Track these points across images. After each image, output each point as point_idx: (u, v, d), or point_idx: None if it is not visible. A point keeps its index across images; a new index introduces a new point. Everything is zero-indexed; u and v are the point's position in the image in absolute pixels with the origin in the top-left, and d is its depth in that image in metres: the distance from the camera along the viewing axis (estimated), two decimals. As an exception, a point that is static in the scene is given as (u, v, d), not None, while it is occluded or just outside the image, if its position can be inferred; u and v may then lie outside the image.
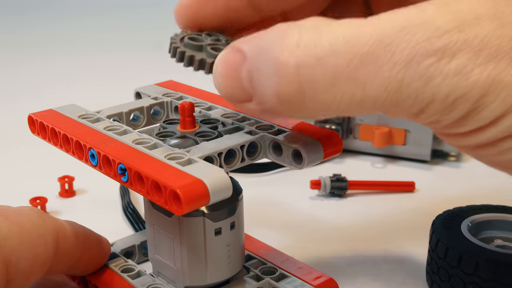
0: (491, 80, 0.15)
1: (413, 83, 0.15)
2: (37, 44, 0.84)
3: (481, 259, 0.23)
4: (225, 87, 0.17)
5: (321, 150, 0.20)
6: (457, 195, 0.36)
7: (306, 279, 0.23)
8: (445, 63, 0.15)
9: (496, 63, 0.15)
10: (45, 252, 0.20)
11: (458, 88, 0.15)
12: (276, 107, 0.16)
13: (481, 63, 0.15)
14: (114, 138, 0.21)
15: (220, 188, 0.18)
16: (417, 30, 0.15)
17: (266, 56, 0.16)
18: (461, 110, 0.16)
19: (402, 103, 0.16)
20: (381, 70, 0.15)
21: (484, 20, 0.15)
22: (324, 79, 0.15)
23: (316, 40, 0.15)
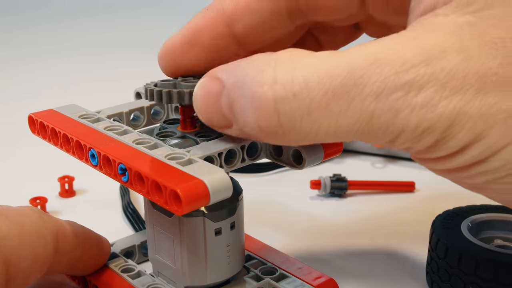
0: (456, 112, 0.16)
1: (383, 115, 0.16)
2: (33, 45, 0.84)
3: (481, 259, 0.23)
4: (205, 113, 0.19)
5: (321, 150, 0.21)
6: (457, 195, 0.36)
7: (306, 279, 0.23)
8: (412, 96, 0.16)
9: (462, 95, 0.16)
10: (45, 252, 0.20)
11: (425, 120, 0.16)
12: (256, 135, 0.17)
13: (447, 95, 0.16)
14: (115, 138, 0.21)
15: (220, 188, 0.18)
16: (386, 64, 0.16)
17: (243, 89, 0.17)
18: (429, 140, 0.16)
19: (374, 133, 0.16)
20: (353, 102, 0.16)
21: (451, 54, 0.16)
22: (301, 112, 0.16)
23: (291, 75, 0.16)
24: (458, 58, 0.16)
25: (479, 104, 0.16)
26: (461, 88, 0.16)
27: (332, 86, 0.16)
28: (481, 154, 0.16)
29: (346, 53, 0.16)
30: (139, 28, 0.95)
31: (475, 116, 0.16)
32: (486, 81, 0.16)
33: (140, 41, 0.84)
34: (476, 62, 0.16)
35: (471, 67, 0.16)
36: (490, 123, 0.16)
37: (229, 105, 0.17)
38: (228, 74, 0.18)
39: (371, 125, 0.16)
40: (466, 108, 0.16)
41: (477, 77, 0.16)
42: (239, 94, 0.17)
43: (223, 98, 0.18)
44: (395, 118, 0.16)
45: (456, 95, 0.16)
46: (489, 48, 0.16)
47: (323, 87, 0.16)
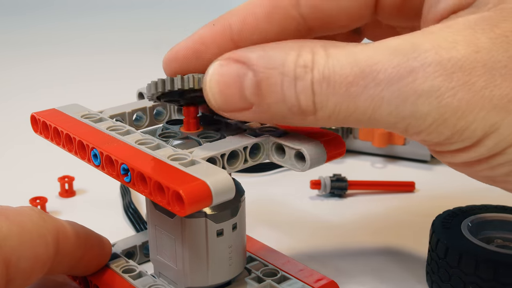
0: (465, 103, 0.16)
1: (392, 100, 0.17)
2: (34, 44, 0.84)
3: (481, 259, 0.24)
4: (222, 95, 0.19)
5: (324, 152, 0.21)
6: (457, 195, 0.36)
7: (307, 281, 0.23)
8: (419, 83, 0.16)
9: (470, 86, 0.16)
10: (45, 252, 0.20)
11: (432, 109, 0.16)
12: (282, 115, 0.18)
13: (454, 86, 0.16)
14: (117, 138, 0.21)
15: (223, 189, 0.18)
16: (401, 54, 0.17)
17: (283, 69, 0.18)
18: (442, 131, 0.17)
19: (387, 118, 0.17)
20: (367, 87, 0.17)
21: (461, 45, 0.16)
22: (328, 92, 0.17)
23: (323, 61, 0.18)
24: (468, 49, 0.16)
25: (489, 94, 0.16)
26: (469, 79, 0.16)
27: (352, 72, 0.17)
28: (498, 146, 0.16)
29: (369, 45, 0.17)
30: (141, 28, 0.94)
31: (488, 106, 0.16)
32: (495, 73, 0.16)
33: (142, 41, 0.84)
34: (486, 54, 0.16)
35: (480, 59, 0.16)
36: (503, 114, 0.16)
37: (256, 84, 0.18)
38: (253, 56, 0.18)
39: (383, 110, 0.17)
40: (475, 99, 0.16)
41: (486, 69, 0.16)
42: (276, 73, 0.18)
43: (247, 79, 0.18)
44: (403, 104, 0.17)
45: (464, 86, 0.16)
46: (500, 41, 0.16)
47: (344, 73, 0.17)
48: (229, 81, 0.18)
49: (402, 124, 0.17)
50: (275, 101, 0.18)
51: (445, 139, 0.17)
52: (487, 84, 0.16)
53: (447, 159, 0.18)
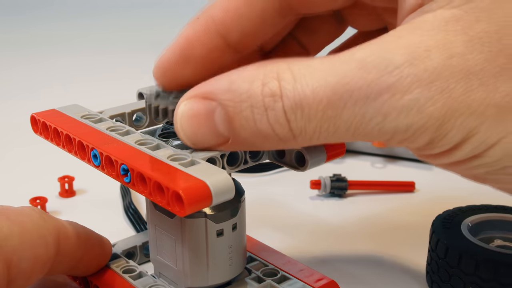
0: (445, 110, 0.16)
1: (373, 118, 0.16)
2: (34, 44, 0.84)
3: (481, 259, 0.24)
4: (194, 135, 0.19)
5: (324, 152, 0.21)
6: (457, 195, 0.36)
7: (307, 281, 0.23)
8: (398, 99, 0.16)
9: (448, 93, 0.16)
10: (46, 252, 0.20)
11: (414, 121, 0.16)
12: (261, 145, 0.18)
13: (433, 95, 0.16)
14: (117, 138, 0.21)
15: (222, 189, 0.18)
16: (372, 68, 0.16)
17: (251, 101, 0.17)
18: (423, 139, 0.17)
19: (370, 134, 0.17)
20: (345, 107, 0.16)
21: (434, 52, 0.16)
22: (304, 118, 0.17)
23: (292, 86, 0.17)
24: (442, 56, 0.16)
25: (468, 100, 0.16)
26: (447, 86, 0.16)
27: (326, 95, 0.16)
28: (476, 149, 0.17)
29: (334, 58, 0.17)
30: (141, 28, 0.94)
31: (466, 113, 0.16)
32: (472, 77, 0.16)
33: (142, 41, 0.84)
34: (461, 59, 0.16)
35: (456, 65, 0.16)
36: (481, 119, 0.16)
37: (227, 120, 0.18)
38: (217, 89, 0.18)
39: (365, 127, 0.17)
40: (454, 105, 0.16)
41: (462, 74, 0.16)
42: (245, 106, 0.17)
43: (217, 116, 0.18)
44: (384, 121, 0.16)
45: (443, 93, 0.16)
46: (474, 44, 0.16)
47: (317, 96, 0.16)
48: (199, 120, 0.18)
49: (385, 137, 0.17)
50: (251, 134, 0.18)
51: (426, 145, 0.17)
52: (464, 90, 0.16)
53: (430, 161, 0.18)
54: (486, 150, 0.17)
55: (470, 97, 0.16)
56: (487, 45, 0.16)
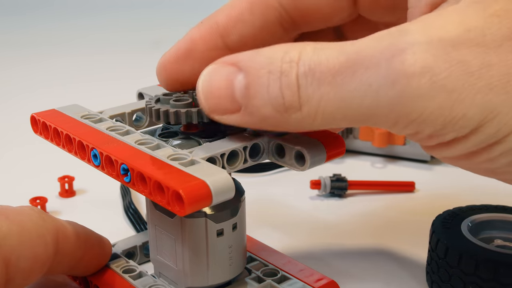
0: (462, 84, 0.15)
1: (381, 86, 0.16)
2: (34, 44, 0.84)
3: (481, 259, 0.24)
4: (212, 97, 0.19)
5: (324, 152, 0.21)
6: (457, 195, 0.36)
7: (307, 281, 0.23)
8: (409, 64, 0.15)
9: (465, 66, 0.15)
10: (45, 252, 0.20)
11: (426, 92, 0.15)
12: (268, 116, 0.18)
13: (448, 66, 0.15)
14: (117, 138, 0.21)
15: (222, 189, 0.18)
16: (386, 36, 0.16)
17: (268, 68, 0.17)
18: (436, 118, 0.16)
19: (376, 109, 0.16)
20: (355, 75, 0.16)
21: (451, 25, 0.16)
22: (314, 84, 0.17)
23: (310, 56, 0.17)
24: (459, 29, 0.16)
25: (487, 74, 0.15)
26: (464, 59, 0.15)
27: (338, 61, 0.16)
28: (498, 133, 0.15)
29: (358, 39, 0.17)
30: (141, 28, 0.95)
31: (485, 88, 0.15)
32: (490, 52, 0.15)
33: (142, 41, 0.84)
34: (479, 33, 0.15)
35: (473, 38, 0.15)
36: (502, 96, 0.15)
37: (245, 85, 0.18)
38: (245, 59, 0.18)
39: (370, 99, 0.16)
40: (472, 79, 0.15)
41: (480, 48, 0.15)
42: (263, 73, 0.17)
43: (238, 80, 0.18)
44: (391, 89, 0.16)
45: (459, 66, 0.15)
46: (492, 20, 0.16)
47: (331, 63, 0.17)
48: (220, 83, 0.18)
49: (392, 114, 0.16)
50: (262, 101, 0.18)
51: (439, 128, 0.16)
52: (482, 64, 0.15)
53: (442, 153, 0.17)
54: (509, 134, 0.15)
55: (489, 72, 0.15)
56: (505, 22, 0.15)
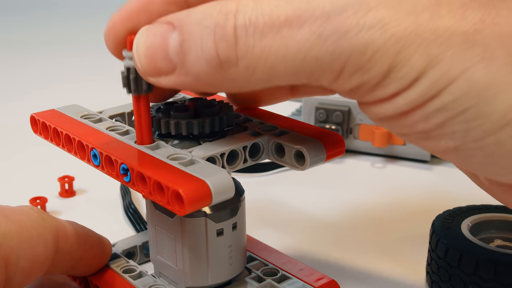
0: (408, 33, 0.15)
1: (331, 36, 0.15)
2: (34, 44, 0.84)
3: (481, 259, 0.24)
4: (148, 56, 0.18)
5: (324, 151, 0.21)
6: (457, 195, 0.36)
7: (307, 281, 0.23)
8: (361, 16, 0.15)
9: (415, 17, 0.15)
10: (45, 252, 0.20)
11: (374, 40, 0.15)
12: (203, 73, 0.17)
13: (398, 17, 0.15)
14: (117, 138, 0.21)
15: (222, 188, 0.18)
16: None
17: (202, 22, 0.17)
18: (380, 66, 0.16)
19: (322, 60, 0.16)
20: (303, 25, 0.16)
21: None
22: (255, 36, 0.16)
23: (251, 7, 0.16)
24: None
25: (433, 26, 0.15)
26: (414, 10, 0.15)
27: (285, 12, 0.16)
28: (436, 84, 0.15)
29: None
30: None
31: (430, 38, 0.15)
32: (441, 5, 0.16)
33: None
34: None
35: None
36: (446, 45, 0.15)
37: (179, 43, 0.17)
38: (181, 16, 0.17)
39: (318, 49, 0.16)
40: (419, 30, 0.15)
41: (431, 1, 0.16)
42: (197, 28, 0.17)
43: (172, 38, 0.17)
44: (341, 39, 0.15)
45: (409, 16, 0.15)
46: None
47: (277, 13, 0.16)
48: (154, 42, 0.17)
49: (339, 63, 0.16)
50: (195, 57, 0.17)
51: (382, 77, 0.16)
52: (431, 15, 0.15)
53: (381, 109, 0.17)
54: (447, 85, 0.15)
55: (436, 23, 0.15)
56: None
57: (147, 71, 0.18)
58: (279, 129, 0.22)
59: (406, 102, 0.16)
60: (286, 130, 0.22)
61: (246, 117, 0.24)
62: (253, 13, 0.16)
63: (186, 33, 0.17)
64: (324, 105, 0.41)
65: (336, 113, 0.41)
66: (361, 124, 0.41)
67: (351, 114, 0.41)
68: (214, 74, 0.17)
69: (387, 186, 0.38)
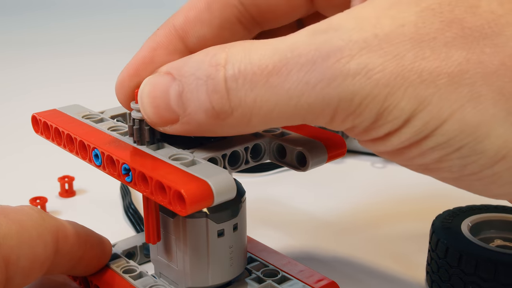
0: (394, 78, 0.15)
1: (318, 84, 0.16)
2: (34, 44, 0.84)
3: (481, 259, 0.24)
4: (152, 107, 0.18)
5: (325, 152, 0.21)
6: (457, 195, 0.36)
7: (307, 282, 0.23)
8: (345, 63, 0.16)
9: (398, 60, 0.15)
10: (45, 251, 0.20)
11: (361, 88, 0.16)
12: (203, 122, 0.18)
13: (382, 61, 0.15)
14: (118, 138, 0.21)
15: (224, 189, 0.18)
16: (322, 33, 0.16)
17: (198, 72, 0.17)
18: (370, 112, 0.16)
19: (313, 106, 0.16)
20: (290, 73, 0.16)
21: (385, 20, 0.16)
22: (245, 87, 0.16)
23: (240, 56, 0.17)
24: (394, 24, 0.16)
25: (418, 68, 0.15)
26: (397, 53, 0.15)
27: (272, 61, 0.16)
28: (428, 125, 0.16)
29: (291, 34, 0.17)
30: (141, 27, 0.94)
31: (416, 81, 0.15)
32: (424, 46, 0.15)
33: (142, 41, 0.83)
34: (412, 27, 0.16)
35: (407, 33, 0.16)
36: (433, 88, 0.15)
37: (178, 94, 0.18)
38: (179, 66, 0.18)
39: (307, 96, 0.16)
40: (405, 73, 0.15)
41: (414, 42, 0.15)
42: (192, 79, 0.17)
43: (172, 89, 0.18)
44: (329, 86, 0.16)
45: (392, 60, 0.15)
46: (425, 14, 0.16)
47: (263, 63, 0.16)
48: (157, 93, 0.18)
49: (330, 110, 0.16)
50: (194, 108, 0.17)
51: (374, 121, 0.16)
52: (415, 58, 0.15)
53: (378, 147, 0.17)
54: (439, 126, 0.16)
55: (421, 65, 0.15)
56: (438, 15, 0.16)
57: (154, 121, 0.19)
58: (280, 130, 0.22)
59: (400, 141, 0.16)
60: (287, 131, 0.22)
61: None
62: (242, 62, 0.16)
63: (183, 84, 0.18)
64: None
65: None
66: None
67: (351, 114, 0.41)
68: (213, 123, 0.17)
69: (387, 186, 0.38)
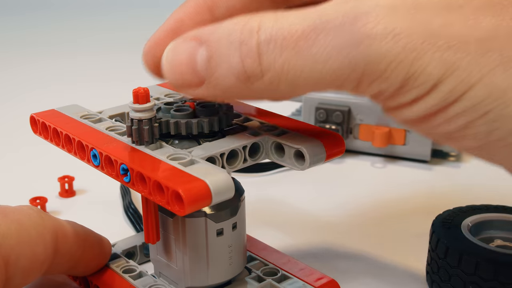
0: (421, 42, 0.15)
1: (345, 48, 0.16)
2: (34, 44, 0.84)
3: (481, 259, 0.24)
4: (176, 72, 0.19)
5: (324, 151, 0.21)
6: (457, 195, 0.36)
7: (307, 280, 0.23)
8: (372, 26, 0.16)
9: (426, 25, 0.16)
10: (44, 251, 0.20)
11: (387, 51, 0.16)
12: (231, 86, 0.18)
13: (410, 25, 0.16)
14: (116, 138, 0.21)
15: (222, 188, 0.18)
16: (350, 1, 0.16)
17: (230, 38, 0.17)
18: (397, 76, 0.16)
19: (340, 71, 0.16)
20: (318, 38, 0.16)
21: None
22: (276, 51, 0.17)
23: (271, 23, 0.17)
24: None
25: (446, 34, 0.15)
26: (426, 19, 0.16)
27: (301, 26, 0.16)
28: (455, 90, 0.16)
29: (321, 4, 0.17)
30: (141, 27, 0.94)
31: (444, 45, 0.15)
32: (453, 12, 0.16)
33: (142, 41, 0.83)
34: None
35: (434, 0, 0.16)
36: (462, 53, 0.15)
37: (207, 59, 0.18)
38: (209, 32, 0.18)
39: (334, 61, 0.16)
40: (433, 37, 0.15)
41: (441, 8, 0.16)
42: (224, 44, 0.18)
43: (199, 54, 0.18)
44: (355, 50, 0.16)
45: (420, 25, 0.15)
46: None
47: (293, 28, 0.17)
48: (182, 58, 0.18)
49: (356, 74, 0.16)
50: (224, 72, 0.18)
51: (400, 86, 0.16)
52: (443, 24, 0.15)
53: (403, 114, 0.17)
54: (466, 91, 0.16)
55: (449, 31, 0.15)
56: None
57: (177, 85, 0.19)
58: (279, 129, 0.22)
59: (427, 107, 0.17)
60: (286, 129, 0.22)
61: (246, 117, 0.24)
62: (273, 29, 0.17)
63: (213, 49, 0.18)
64: (324, 105, 0.41)
65: (336, 113, 0.41)
66: (361, 124, 0.41)
67: (351, 114, 0.41)
68: (241, 87, 0.18)
69: (387, 186, 0.38)
